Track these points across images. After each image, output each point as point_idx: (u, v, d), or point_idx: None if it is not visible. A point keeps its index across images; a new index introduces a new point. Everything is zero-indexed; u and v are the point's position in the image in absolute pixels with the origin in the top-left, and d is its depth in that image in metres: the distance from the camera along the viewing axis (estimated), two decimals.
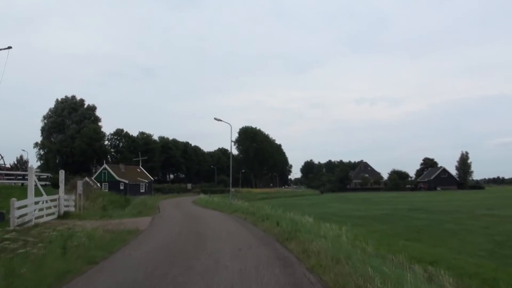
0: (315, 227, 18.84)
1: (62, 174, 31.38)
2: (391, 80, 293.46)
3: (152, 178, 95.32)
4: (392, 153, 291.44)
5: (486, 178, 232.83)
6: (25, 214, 21.07)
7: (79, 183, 31.94)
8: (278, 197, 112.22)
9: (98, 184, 78.79)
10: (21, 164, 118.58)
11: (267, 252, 13.68)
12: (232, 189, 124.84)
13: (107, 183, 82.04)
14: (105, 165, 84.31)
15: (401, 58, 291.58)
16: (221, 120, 42.52)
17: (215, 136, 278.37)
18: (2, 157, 43.34)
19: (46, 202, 25.80)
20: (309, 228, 18.22)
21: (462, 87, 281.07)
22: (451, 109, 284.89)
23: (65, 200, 29.07)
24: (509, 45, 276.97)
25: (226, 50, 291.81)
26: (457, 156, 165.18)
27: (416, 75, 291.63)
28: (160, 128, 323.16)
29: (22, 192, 28.49)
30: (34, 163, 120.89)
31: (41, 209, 24.42)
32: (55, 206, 27.38)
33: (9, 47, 40.44)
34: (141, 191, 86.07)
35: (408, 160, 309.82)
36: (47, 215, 25.23)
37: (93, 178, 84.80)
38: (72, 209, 30.40)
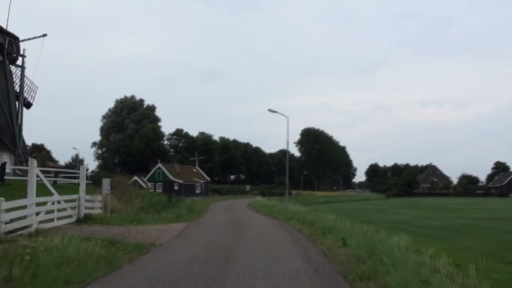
0: (399, 252, 13.24)
1: (83, 169, 26.42)
2: (456, 82, 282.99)
3: (208, 179, 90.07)
4: (460, 157, 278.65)
5: None
6: (22, 218, 16.47)
7: (105, 181, 26.65)
8: (341, 201, 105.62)
9: (150, 184, 74.77)
10: (76, 162, 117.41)
11: None
12: (293, 192, 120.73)
13: (161, 183, 77.76)
14: (159, 165, 79.96)
15: (466, 59, 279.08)
16: (276, 112, 36.62)
17: (276, 138, 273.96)
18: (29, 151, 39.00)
19: (58, 202, 20.85)
20: (392, 254, 12.06)
21: None
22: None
23: (87, 201, 24.08)
24: None
25: (288, 53, 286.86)
26: None
27: (482, 76, 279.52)
28: (220, 129, 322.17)
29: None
30: (91, 162, 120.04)
31: (49, 212, 19.53)
32: (73, 208, 22.52)
33: (44, 35, 38.99)
34: (197, 192, 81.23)
35: (478, 164, 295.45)
36: (60, 218, 20.69)
37: (146, 178, 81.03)
38: (97, 211, 25.41)
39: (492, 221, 37.88)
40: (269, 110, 36.27)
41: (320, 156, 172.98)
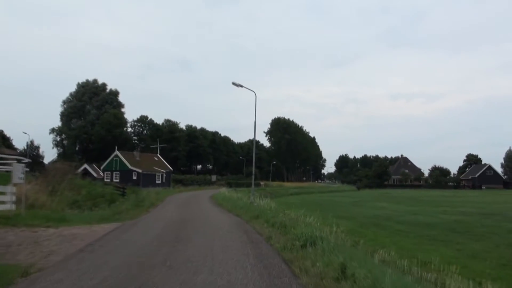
0: None
1: None
2: (427, 76, 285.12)
3: (171, 168, 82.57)
4: (430, 150, 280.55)
5: None
6: None
7: (17, 167, 19.86)
8: (311, 192, 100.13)
9: (103, 174, 67.81)
10: (32, 150, 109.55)
11: None
12: (262, 183, 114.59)
13: (118, 172, 70.65)
14: (116, 152, 72.35)
15: (438, 54, 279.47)
16: (242, 86, 30.17)
17: (246, 129, 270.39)
18: None
19: None
20: None
21: (502, 84, 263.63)
22: (490, 106, 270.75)
23: None
24: None
25: (261, 45, 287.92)
26: (500, 154, 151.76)
27: (454, 71, 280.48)
28: (189, 119, 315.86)
29: None
30: (49, 150, 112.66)
31: None
32: None
33: None
34: (157, 182, 73.98)
35: (448, 157, 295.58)
36: None
37: (102, 167, 73.86)
38: (6, 206, 18.84)
39: (486, 217, 34.43)
40: (233, 83, 29.85)
41: (290, 146, 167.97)
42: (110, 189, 38.30)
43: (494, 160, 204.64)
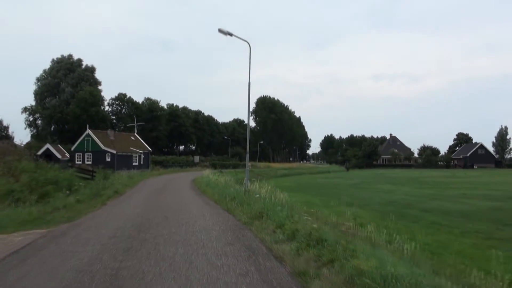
0: None
1: None
2: (410, 56, 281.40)
3: (149, 149, 74.15)
4: (416, 129, 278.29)
5: None
6: None
7: None
8: (301, 173, 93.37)
9: (68, 155, 59.91)
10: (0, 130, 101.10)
11: None
12: (249, 164, 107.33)
13: (90, 154, 62.71)
14: (88, 131, 64.01)
15: (419, 34, 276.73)
16: (231, 35, 22.39)
17: (230, 110, 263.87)
18: None
19: None
20: None
21: (483, 64, 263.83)
22: (473, 86, 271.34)
23: None
24: None
25: (243, 25, 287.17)
26: (488, 133, 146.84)
27: (435, 51, 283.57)
28: (170, 99, 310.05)
29: None
30: (21, 131, 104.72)
31: None
32: None
33: None
34: (134, 164, 65.87)
35: (434, 136, 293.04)
36: None
37: (73, 147, 65.87)
38: None
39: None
40: (220, 31, 22.24)
41: (276, 126, 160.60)
42: (68, 174, 30.71)
43: (484, 139, 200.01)
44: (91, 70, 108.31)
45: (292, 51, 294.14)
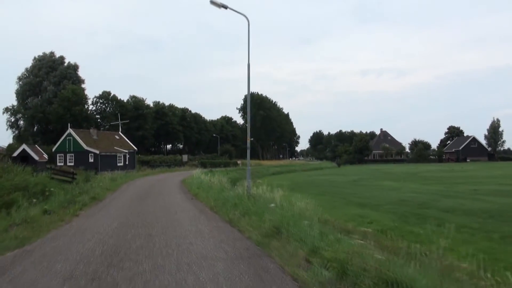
0: None
1: None
2: (396, 51, 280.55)
3: (135, 148, 70.03)
4: (405, 124, 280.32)
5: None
6: None
7: None
8: (294, 171, 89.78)
9: (46, 156, 55.84)
10: None
11: None
12: (239, 162, 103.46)
13: (72, 154, 58.67)
14: (69, 130, 59.99)
15: (405, 29, 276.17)
16: (226, 7, 18.75)
17: (217, 108, 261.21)
18: None
19: None
20: None
21: (470, 58, 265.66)
22: (460, 80, 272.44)
23: None
24: None
25: (229, 23, 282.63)
26: (478, 126, 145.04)
27: (422, 45, 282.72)
28: (156, 97, 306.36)
29: None
30: (3, 133, 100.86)
31: None
32: None
33: None
34: (119, 164, 61.67)
35: (422, 130, 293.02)
36: None
37: (54, 148, 61.84)
38: None
39: None
40: (212, 2, 18.53)
41: (264, 123, 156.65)
42: (42, 178, 26.90)
43: (473, 132, 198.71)
44: (74, 67, 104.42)
45: (279, 48, 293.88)
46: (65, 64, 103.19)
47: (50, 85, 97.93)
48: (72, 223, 14.49)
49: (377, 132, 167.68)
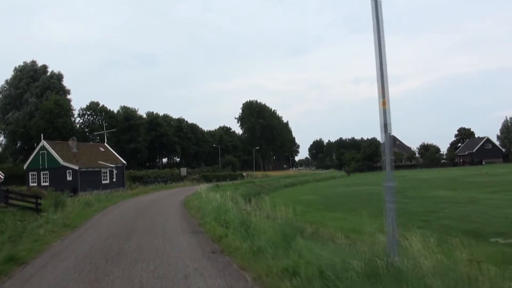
0: None
1: None
2: (389, 58, 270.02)
3: (123, 162, 57.55)
4: (406, 128, 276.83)
5: None
6: None
7: None
8: (307, 181, 79.35)
9: (2, 175, 44.47)
10: None
11: None
12: (244, 174, 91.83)
13: (47, 172, 47.24)
14: (42, 142, 48.15)
15: (396, 36, 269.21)
16: None
17: (214, 119, 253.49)
18: None
19: None
20: None
21: (461, 62, 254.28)
22: (453, 85, 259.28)
23: None
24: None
25: (220, 35, 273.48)
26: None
27: (413, 52, 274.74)
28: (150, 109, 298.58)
29: None
30: None
31: None
32: None
33: None
34: (104, 182, 49.13)
35: (425, 134, 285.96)
36: None
37: (26, 165, 50.37)
38: None
39: None
40: None
41: (264, 132, 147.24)
42: None
43: (487, 132, 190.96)
44: (58, 77, 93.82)
45: (272, 59, 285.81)
46: (48, 74, 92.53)
47: (32, 97, 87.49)
48: None
49: (378, 138, 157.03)
